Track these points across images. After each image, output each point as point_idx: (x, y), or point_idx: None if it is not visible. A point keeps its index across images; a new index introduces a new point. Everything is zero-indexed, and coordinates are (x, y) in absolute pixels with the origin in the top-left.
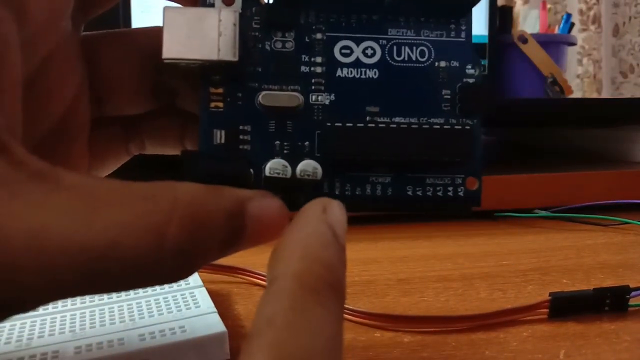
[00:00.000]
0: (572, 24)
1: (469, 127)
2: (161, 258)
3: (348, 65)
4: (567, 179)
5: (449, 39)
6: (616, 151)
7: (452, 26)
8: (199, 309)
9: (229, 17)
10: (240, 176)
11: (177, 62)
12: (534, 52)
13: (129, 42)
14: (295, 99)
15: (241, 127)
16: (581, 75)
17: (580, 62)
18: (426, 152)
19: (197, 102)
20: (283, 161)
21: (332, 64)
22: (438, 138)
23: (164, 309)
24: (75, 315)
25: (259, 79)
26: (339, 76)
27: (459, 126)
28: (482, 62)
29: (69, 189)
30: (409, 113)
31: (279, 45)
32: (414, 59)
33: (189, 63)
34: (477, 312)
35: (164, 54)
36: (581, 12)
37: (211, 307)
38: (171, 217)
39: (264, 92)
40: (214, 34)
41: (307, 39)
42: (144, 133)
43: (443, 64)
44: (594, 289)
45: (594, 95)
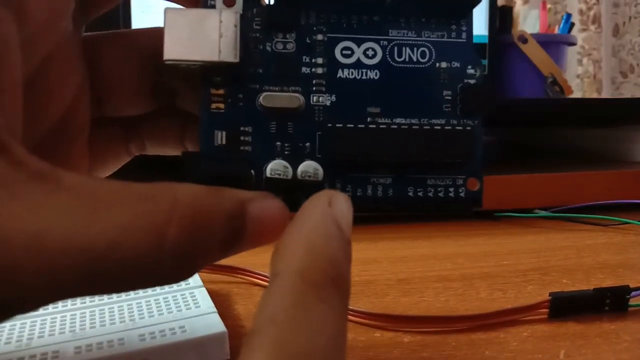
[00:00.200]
0: (572, 24)
1: (470, 127)
2: (161, 259)
3: (349, 66)
4: (567, 179)
5: (450, 39)
6: (616, 151)
7: (453, 27)
8: (199, 309)
9: (230, 18)
10: (241, 177)
11: (178, 63)
12: (534, 52)
13: (129, 43)
14: (296, 100)
15: (242, 128)
16: (581, 75)
17: (580, 62)
18: (427, 153)
19: (198, 102)
20: (284, 162)
21: (333, 64)
22: (439, 139)
23: (164, 309)
24: (75, 315)
25: (259, 80)
26: (340, 77)
27: (460, 127)
28: (482, 62)
29: (69, 190)
30: (410, 114)
31: (279, 46)
32: (414, 59)
33: (189, 64)
34: (477, 312)
35: (165, 55)
36: (581, 12)
37: (211, 307)
38: (171, 217)
39: (264, 93)
40: (215, 35)
41: (308, 40)
42: (144, 133)
43: (444, 64)
44: (594, 289)
45: (594, 95)
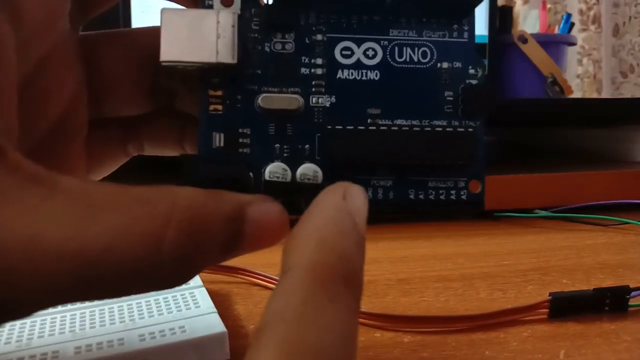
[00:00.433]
0: (572, 24)
1: (471, 129)
2: (158, 263)
3: (349, 67)
4: (567, 179)
5: (452, 39)
6: (616, 151)
7: (455, 27)
8: (199, 309)
9: (228, 18)
10: (239, 180)
11: (175, 64)
12: (534, 52)
13: (127, 42)
14: (295, 101)
15: (240, 130)
16: (581, 75)
17: (580, 62)
18: (428, 155)
19: (196, 104)
20: (283, 165)
21: (332, 65)
22: (440, 141)
23: (163, 309)
24: (75, 315)
25: (258, 81)
26: (340, 78)
27: (462, 128)
28: (484, 62)
29: (64, 193)
30: (410, 115)
31: (278, 46)
32: (415, 60)
33: (187, 65)
34: (477, 312)
35: (161, 57)
36: (581, 12)
37: (211, 307)
38: (169, 221)
39: (263, 95)
40: (212, 36)
41: (307, 40)
42: (142, 134)
43: (445, 65)
44: (594, 289)
45: (594, 95)
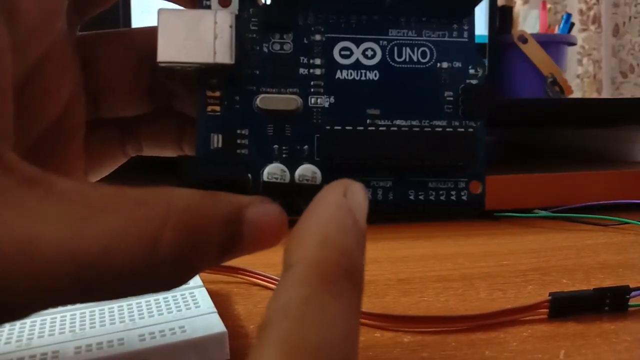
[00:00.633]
0: (572, 24)
1: (472, 129)
2: (155, 265)
3: (348, 67)
4: (567, 179)
5: (451, 39)
6: (616, 151)
7: (455, 26)
8: (199, 309)
9: (225, 19)
10: (238, 181)
11: (172, 65)
12: (534, 52)
13: (125, 42)
14: (294, 101)
15: (239, 131)
16: (581, 75)
17: (580, 62)
18: (428, 155)
19: (194, 104)
20: (281, 166)
21: (331, 65)
22: (440, 141)
23: (163, 309)
24: (75, 315)
25: (256, 82)
26: (339, 78)
27: (462, 129)
28: (484, 62)
29: (61, 195)
30: (410, 115)
31: (276, 47)
32: (415, 60)
33: (184, 66)
34: (477, 312)
35: (158, 57)
36: (581, 12)
37: (211, 307)
38: (166, 223)
39: (261, 95)
40: (210, 36)
41: (305, 41)
42: (141, 135)
43: (445, 65)
44: (594, 289)
45: (594, 95)
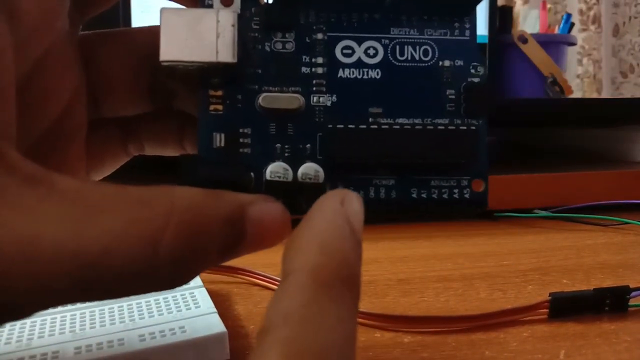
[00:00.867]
0: (572, 24)
1: (474, 127)
2: (156, 265)
3: (350, 66)
4: (567, 179)
5: (453, 37)
6: (616, 151)
7: (456, 25)
8: (199, 309)
9: (228, 18)
10: (240, 180)
11: (174, 64)
12: (534, 52)
13: (126, 42)
14: (296, 100)
15: (241, 130)
16: (581, 75)
17: (580, 62)
18: (431, 153)
19: (196, 104)
20: (284, 164)
21: (333, 64)
22: (443, 139)
23: (163, 309)
24: (75, 316)
25: (258, 81)
26: (341, 77)
27: (464, 127)
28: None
29: (62, 194)
30: (412, 114)
31: (278, 46)
32: (417, 58)
33: (187, 65)
34: (477, 312)
35: (161, 56)
36: (581, 12)
37: (211, 308)
38: (167, 222)
39: (264, 94)
40: (212, 35)
41: (307, 40)
42: (142, 134)
43: (447, 63)
44: (594, 289)
45: (594, 95)
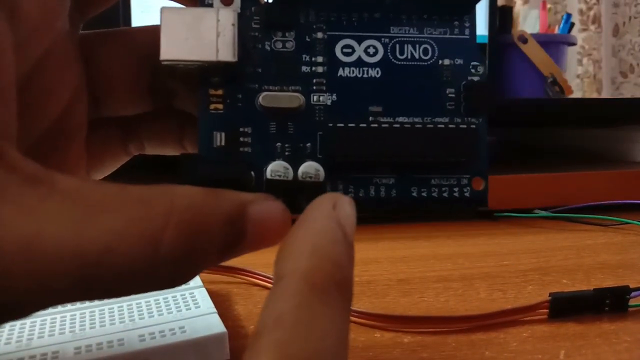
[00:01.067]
0: (572, 24)
1: (474, 126)
2: (157, 264)
3: (350, 65)
4: (567, 179)
5: (453, 36)
6: (616, 151)
7: (456, 23)
8: (199, 310)
9: (228, 17)
10: (240, 179)
11: (175, 63)
12: (534, 52)
13: (126, 41)
14: (296, 99)
15: (241, 129)
16: (581, 75)
17: (580, 62)
18: (431, 152)
19: (196, 103)
20: (284, 163)
21: (333, 63)
22: (443, 138)
23: (163, 309)
24: (75, 316)
25: (259, 80)
26: (341, 76)
27: (464, 125)
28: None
29: (63, 194)
30: (412, 112)
31: (279, 45)
32: (417, 57)
33: (187, 64)
34: (477, 312)
35: (161, 56)
36: (581, 12)
37: (211, 308)
38: (168, 222)
39: (264, 93)
40: (212, 34)
41: (307, 39)
42: (143, 134)
43: (447, 62)
44: (594, 289)
45: (594, 95)
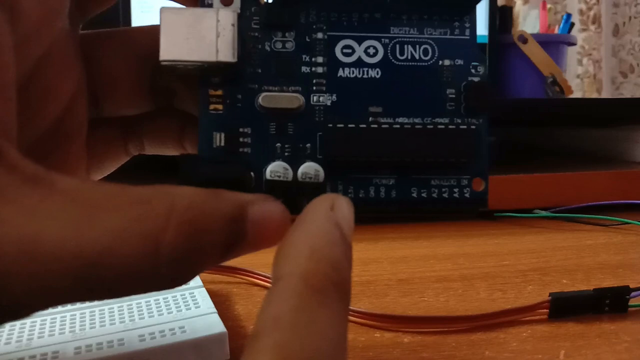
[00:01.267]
0: (572, 24)
1: (474, 126)
2: (157, 265)
3: (350, 65)
4: (567, 179)
5: (453, 36)
6: (616, 151)
7: (456, 24)
8: (199, 310)
9: (228, 17)
10: (240, 180)
11: (174, 63)
12: (534, 52)
13: (127, 41)
14: (296, 100)
15: (241, 129)
16: (581, 75)
17: (580, 62)
18: (431, 153)
19: (196, 103)
20: (284, 164)
21: (333, 63)
22: (443, 138)
23: (163, 309)
24: (75, 316)
25: (258, 80)
26: (341, 76)
27: (464, 126)
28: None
29: (63, 194)
30: (412, 113)
31: (279, 45)
32: (417, 57)
33: (187, 65)
34: (477, 312)
35: (161, 56)
36: (581, 12)
37: (211, 308)
38: (168, 222)
39: (264, 94)
40: (212, 34)
41: (307, 39)
42: (143, 134)
43: (447, 62)
44: (594, 289)
45: (594, 95)
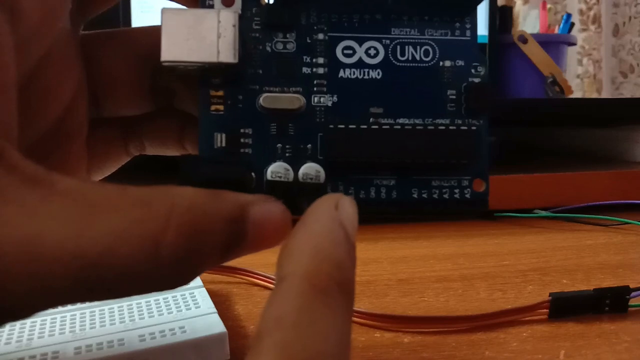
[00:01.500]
0: (572, 24)
1: (475, 127)
2: (157, 266)
3: (351, 66)
4: (567, 179)
5: (454, 37)
6: (616, 151)
7: (457, 25)
8: (199, 310)
9: (229, 18)
10: (241, 180)
11: (176, 64)
12: (534, 52)
13: (127, 42)
14: (297, 100)
15: (242, 130)
16: (581, 75)
17: (580, 62)
18: (431, 153)
19: (195, 103)
20: (285, 164)
21: (334, 64)
22: (443, 139)
23: (164, 309)
24: (75, 316)
25: (259, 81)
26: (342, 77)
27: (465, 127)
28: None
29: (63, 194)
30: (413, 114)
31: (279, 46)
32: (418, 58)
33: (188, 65)
34: (477, 312)
35: (162, 57)
36: (581, 12)
37: (211, 308)
38: (168, 223)
39: (264, 94)
40: (213, 35)
41: (308, 40)
42: (143, 134)
43: (448, 63)
44: (594, 289)
45: (594, 95)
